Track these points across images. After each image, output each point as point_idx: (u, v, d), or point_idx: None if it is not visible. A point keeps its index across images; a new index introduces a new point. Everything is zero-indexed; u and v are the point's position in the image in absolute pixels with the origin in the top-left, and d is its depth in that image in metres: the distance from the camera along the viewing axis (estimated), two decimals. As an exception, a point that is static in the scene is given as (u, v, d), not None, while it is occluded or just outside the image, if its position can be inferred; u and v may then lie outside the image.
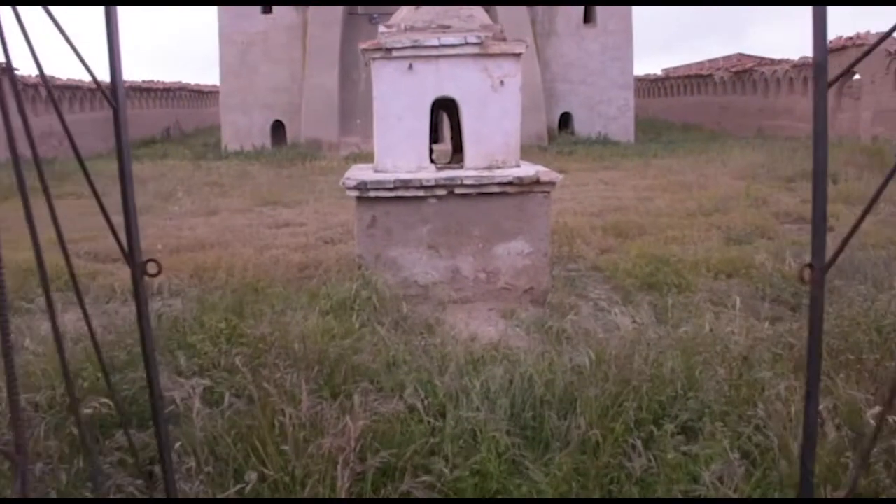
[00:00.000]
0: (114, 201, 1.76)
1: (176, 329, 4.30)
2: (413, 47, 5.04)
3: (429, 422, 2.82)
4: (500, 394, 3.00)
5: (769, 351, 3.63)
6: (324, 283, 5.23)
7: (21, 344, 4.30)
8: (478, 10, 5.31)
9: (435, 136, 6.00)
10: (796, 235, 8.09)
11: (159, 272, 1.53)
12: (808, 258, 1.55)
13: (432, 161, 5.64)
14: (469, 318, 5.21)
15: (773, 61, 21.71)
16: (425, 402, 2.96)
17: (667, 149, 18.73)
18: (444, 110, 5.85)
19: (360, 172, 5.53)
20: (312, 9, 19.24)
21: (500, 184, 5.17)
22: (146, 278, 1.54)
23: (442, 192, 5.19)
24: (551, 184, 5.27)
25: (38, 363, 3.85)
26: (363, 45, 5.08)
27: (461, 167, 5.48)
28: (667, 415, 2.95)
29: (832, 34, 21.48)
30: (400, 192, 5.16)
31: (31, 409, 3.35)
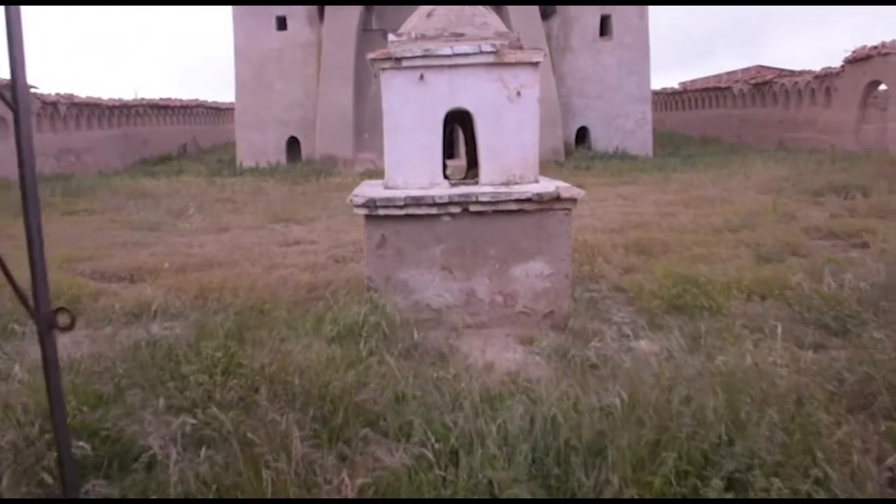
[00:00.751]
0: (122, 218, 1.45)
1: (170, 358, 4.01)
2: (424, 56, 4.77)
3: (439, 472, 2.48)
4: (519, 438, 2.66)
5: (821, 387, 3.24)
6: (330, 306, 4.93)
7: (9, 371, 4.04)
8: (492, 18, 5.03)
9: (450, 152, 5.72)
10: (830, 252, 7.65)
11: (72, 325, 1.21)
12: (847, 277, 1.22)
13: (446, 177, 5.35)
14: (485, 345, 4.87)
15: (793, 73, 21.24)
16: (435, 448, 2.63)
17: (686, 163, 18.35)
18: (458, 123, 5.56)
19: (369, 189, 5.24)
20: (327, 25, 19.22)
21: (517, 200, 4.86)
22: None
23: (456, 209, 4.88)
24: (572, 200, 4.94)
25: (22, 393, 3.56)
26: (371, 55, 4.81)
27: (476, 183, 5.18)
28: (711, 464, 2.58)
29: (856, 43, 21.03)
30: (411, 210, 4.86)
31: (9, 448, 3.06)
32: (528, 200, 4.86)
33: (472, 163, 5.69)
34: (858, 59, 17.24)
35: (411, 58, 4.79)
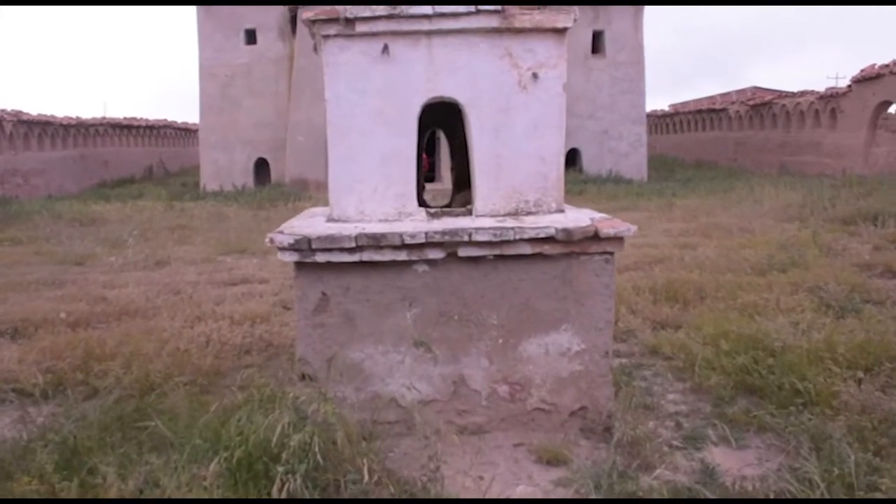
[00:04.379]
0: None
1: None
2: (390, 18, 3.08)
3: None
4: None
5: None
6: (239, 406, 3.11)
7: None
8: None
9: (429, 174, 3.99)
10: (903, 296, 6.06)
11: None
12: None
13: (423, 204, 3.63)
14: (482, 466, 3.10)
15: (793, 94, 20.07)
16: None
17: (686, 187, 16.96)
18: (441, 126, 3.85)
19: (305, 223, 3.49)
20: (300, 37, 17.60)
21: (533, 240, 3.15)
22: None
23: (438, 253, 3.15)
24: (617, 241, 3.24)
25: None
26: (308, 14, 3.10)
27: (469, 213, 3.46)
28: None
29: (867, 61, 19.86)
30: (368, 256, 3.12)
31: None
32: (550, 240, 3.15)
33: (463, 183, 3.98)
34: (867, 79, 16.03)
35: (370, 19, 3.09)
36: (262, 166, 18.88)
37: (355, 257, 3.13)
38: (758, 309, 5.55)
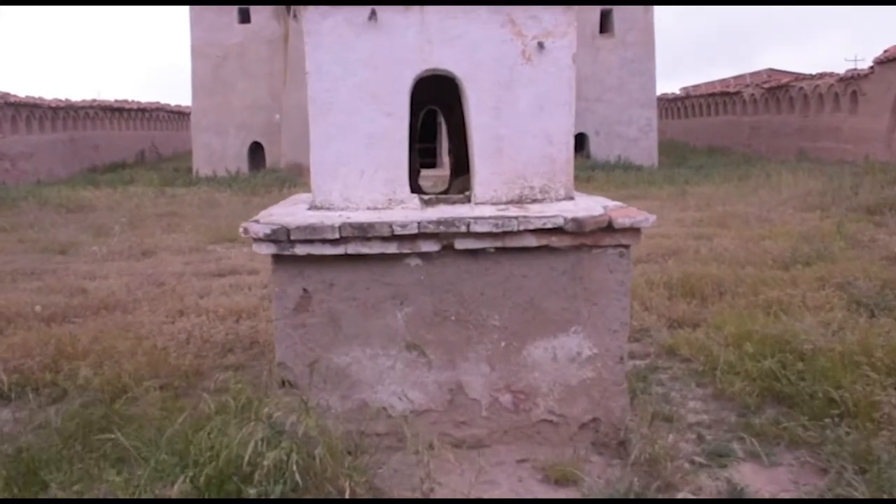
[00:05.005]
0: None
1: None
2: (376, -23, 2.69)
3: None
4: None
5: None
6: (210, 416, 2.77)
7: None
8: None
9: (431, 160, 3.60)
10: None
11: None
12: None
13: (417, 190, 3.26)
14: (482, 486, 2.75)
15: (812, 76, 19.42)
16: None
17: (698, 174, 16.46)
18: (438, 104, 3.47)
19: (285, 211, 3.13)
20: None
21: (539, 231, 2.78)
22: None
23: (432, 245, 2.79)
24: (633, 232, 2.87)
25: None
26: (282, -27, 2.71)
27: (467, 201, 3.09)
28: None
29: (888, 42, 19.07)
30: (354, 248, 2.76)
31: None
32: (558, 231, 2.78)
33: (462, 168, 3.60)
34: (891, 59, 15.40)
35: (354, -20, 2.70)
36: (256, 150, 18.45)
37: (339, 250, 2.77)
38: (782, 306, 5.15)
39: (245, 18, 17.74)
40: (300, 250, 2.75)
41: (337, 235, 2.72)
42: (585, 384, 2.97)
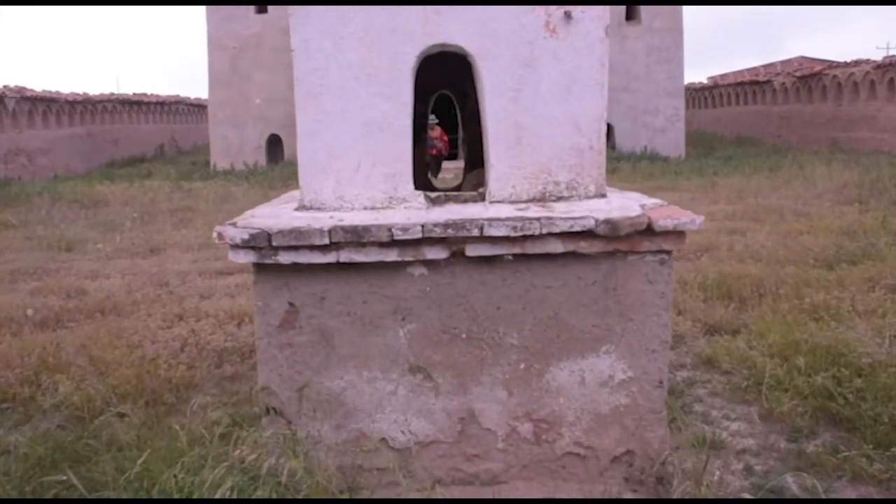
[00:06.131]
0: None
1: None
2: (372, -66, 2.27)
3: None
4: None
5: None
6: (183, 452, 2.40)
7: None
8: None
9: (453, 151, 3.15)
10: None
11: None
12: None
13: (422, 187, 2.86)
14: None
15: (846, 63, 18.54)
16: None
17: (728, 165, 15.80)
18: (449, 89, 3.06)
19: (271, 211, 2.75)
20: (313, 7, 16.76)
21: (564, 234, 2.35)
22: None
23: (439, 252, 2.38)
24: (677, 235, 2.43)
25: None
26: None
27: (481, 199, 2.67)
28: None
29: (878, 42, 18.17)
30: (347, 255, 2.36)
31: None
32: (588, 234, 2.35)
33: (476, 160, 3.18)
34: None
35: (345, -62, 2.29)
36: (274, 143, 18.19)
37: (330, 257, 2.37)
38: (830, 311, 4.67)
39: (262, 9, 17.43)
40: (284, 258, 2.36)
41: (327, 241, 2.33)
42: (618, 412, 2.55)
